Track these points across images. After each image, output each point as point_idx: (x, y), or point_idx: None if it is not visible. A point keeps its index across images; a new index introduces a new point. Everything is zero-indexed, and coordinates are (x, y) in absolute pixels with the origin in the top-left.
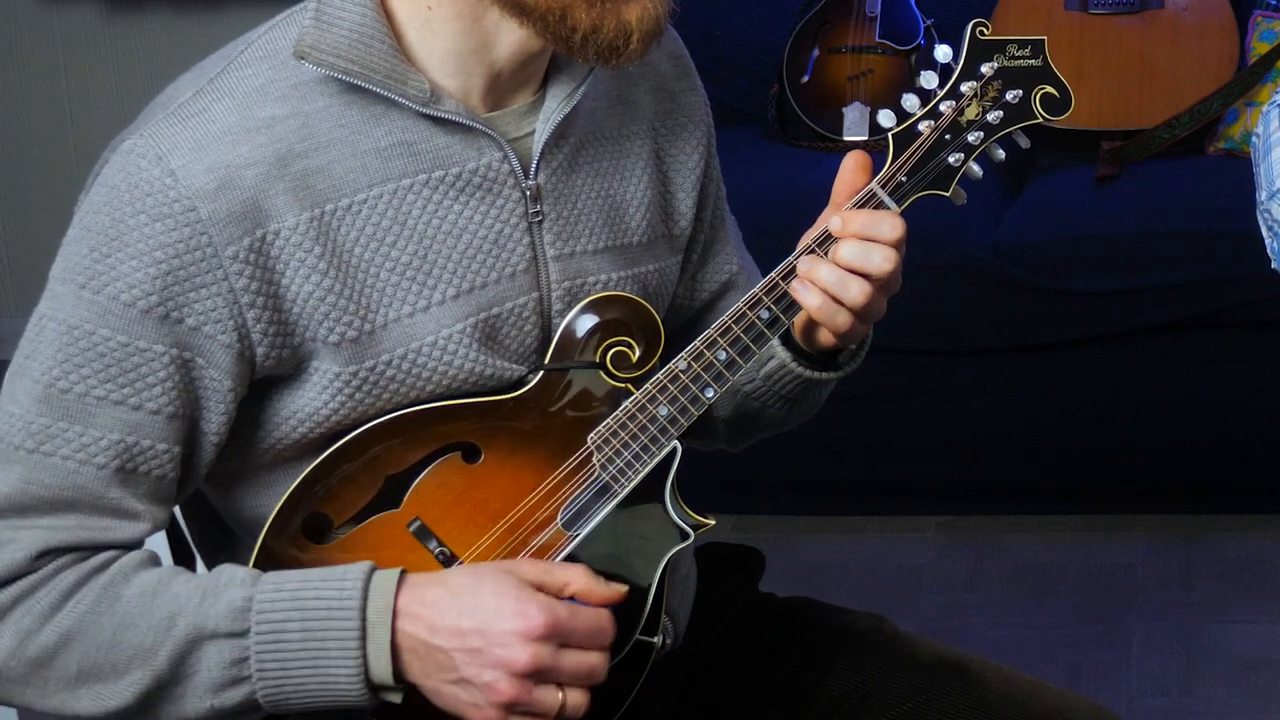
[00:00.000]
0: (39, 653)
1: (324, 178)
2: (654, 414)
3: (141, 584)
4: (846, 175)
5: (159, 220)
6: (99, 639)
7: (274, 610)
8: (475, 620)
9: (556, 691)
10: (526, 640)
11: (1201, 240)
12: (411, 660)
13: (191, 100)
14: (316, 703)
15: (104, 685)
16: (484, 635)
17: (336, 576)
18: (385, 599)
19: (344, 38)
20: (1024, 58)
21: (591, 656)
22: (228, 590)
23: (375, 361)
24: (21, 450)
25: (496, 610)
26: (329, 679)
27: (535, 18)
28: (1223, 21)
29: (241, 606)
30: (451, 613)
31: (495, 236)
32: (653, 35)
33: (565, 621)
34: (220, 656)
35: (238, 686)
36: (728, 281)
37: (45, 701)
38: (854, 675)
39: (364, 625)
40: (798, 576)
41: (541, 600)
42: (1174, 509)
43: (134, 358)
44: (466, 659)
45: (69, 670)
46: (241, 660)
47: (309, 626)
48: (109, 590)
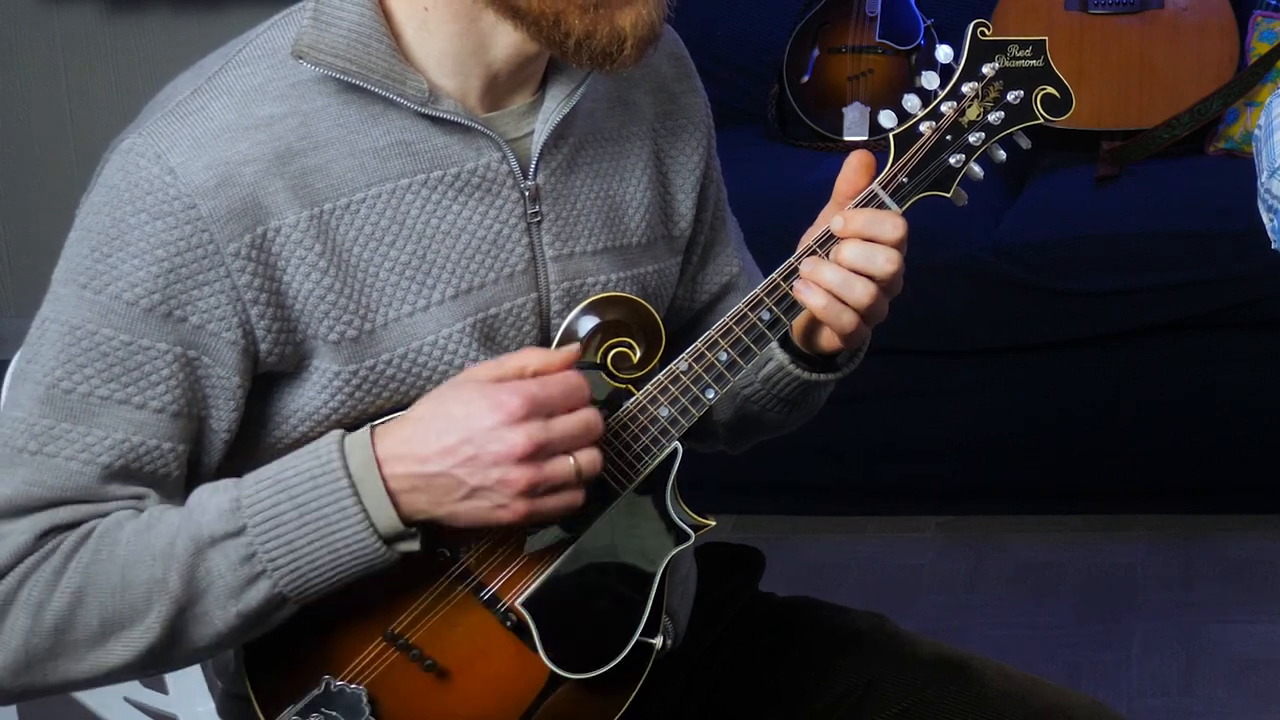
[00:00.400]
0: (56, 619)
1: (322, 177)
2: (655, 415)
3: (134, 526)
4: (849, 175)
5: (160, 218)
6: (110, 585)
7: (261, 499)
8: (457, 433)
9: (566, 457)
10: (512, 425)
11: (1201, 240)
12: (415, 498)
13: (190, 99)
14: (337, 574)
15: (128, 629)
16: (472, 441)
17: (310, 450)
18: (364, 451)
19: (342, 37)
20: (1025, 58)
21: (580, 414)
22: (212, 498)
23: (375, 361)
24: (25, 453)
25: (470, 414)
26: (339, 545)
27: (529, 22)
28: (1223, 21)
29: (230, 507)
30: (431, 437)
31: (494, 237)
32: (647, 41)
33: (539, 393)
34: (227, 559)
35: (255, 584)
36: (728, 283)
37: (79, 667)
38: (854, 675)
39: (354, 484)
40: (798, 576)
41: (508, 385)
42: (1174, 509)
43: (137, 356)
44: (467, 470)
45: (91, 626)
46: (249, 557)
47: (300, 502)
48: (105, 539)
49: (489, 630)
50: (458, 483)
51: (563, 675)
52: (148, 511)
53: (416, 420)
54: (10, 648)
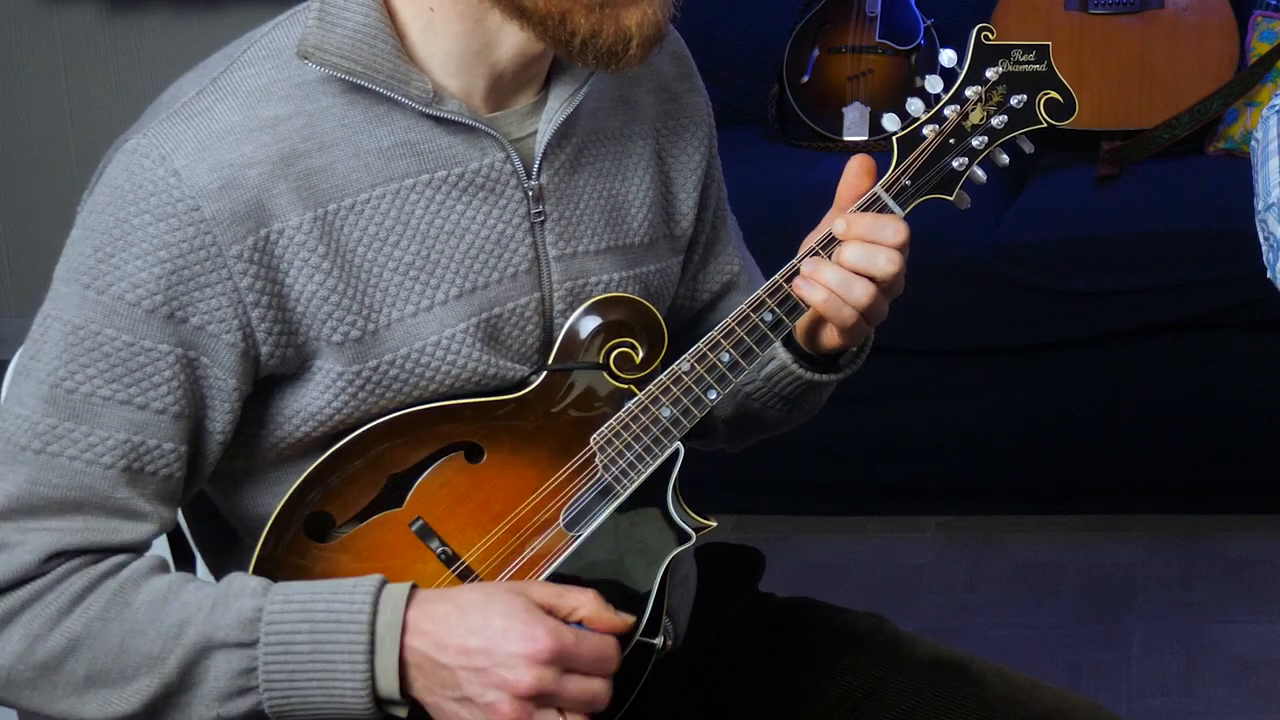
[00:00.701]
0: (47, 657)
1: (327, 177)
2: (657, 415)
3: (151, 591)
4: (850, 179)
5: (163, 220)
6: (108, 645)
7: (283, 622)
8: (482, 639)
9: (558, 716)
10: (531, 663)
11: (1201, 240)
12: (417, 676)
13: (195, 100)
14: (322, 714)
15: (111, 691)
16: (489, 655)
17: (346, 589)
18: (395, 614)
19: (347, 38)
20: (1028, 63)
21: (595, 684)
22: (238, 600)
23: (378, 361)
24: (28, 451)
25: (504, 631)
26: (335, 692)
27: (535, 21)
28: (1223, 21)
29: (251, 617)
30: (459, 630)
31: (497, 237)
32: (653, 40)
33: (571, 647)
34: (229, 666)
35: (244, 696)
36: (729, 282)
37: (52, 706)
38: (854, 675)
39: (373, 640)
40: (798, 576)
41: (550, 624)
42: (1174, 509)
43: (139, 357)
44: (470, 678)
45: (76, 675)
46: (249, 670)
47: (318, 639)
48: (119, 596)
49: None
50: (456, 683)
51: None
52: (169, 579)
53: (457, 605)
54: None
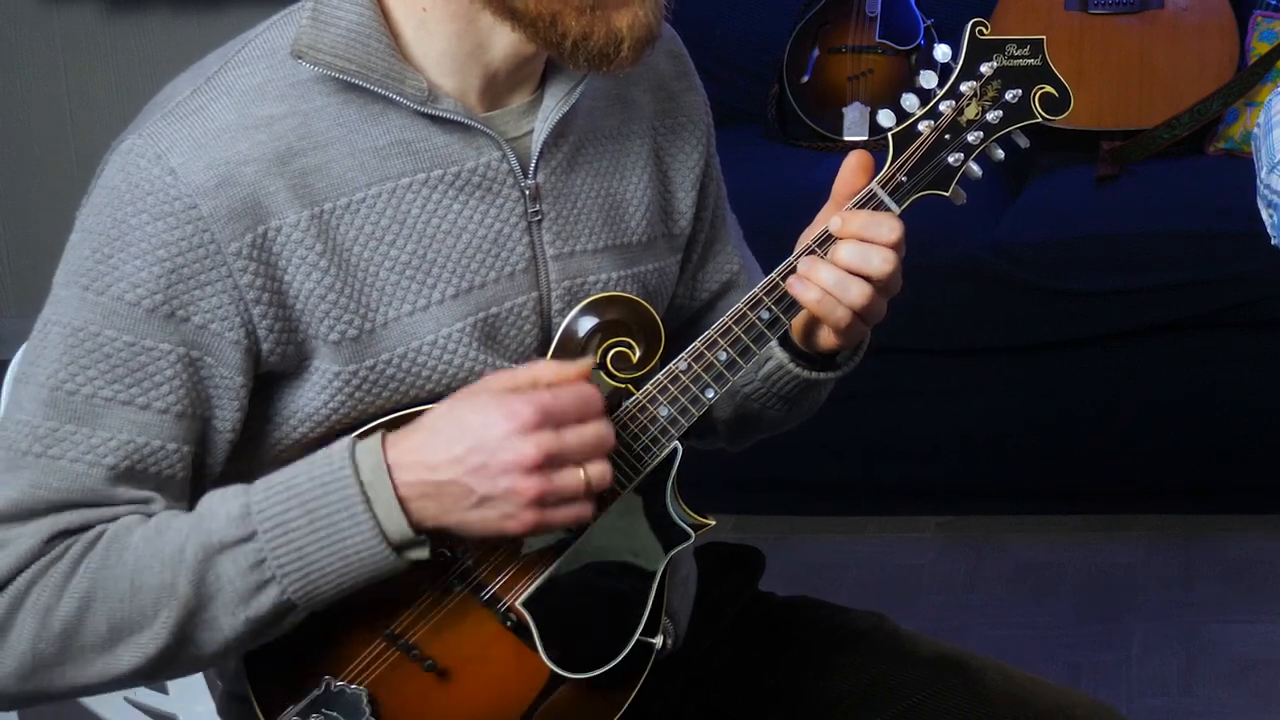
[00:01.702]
0: (64, 624)
1: (323, 176)
2: (654, 415)
3: (143, 532)
4: (847, 175)
5: (161, 219)
6: (118, 591)
7: (271, 505)
8: (467, 441)
9: (576, 469)
10: (524, 434)
11: (1201, 240)
12: (425, 505)
13: (189, 99)
14: (345, 581)
15: (137, 634)
16: (482, 449)
17: (321, 457)
18: (375, 456)
19: (341, 37)
20: (1023, 57)
21: (593, 425)
22: (222, 505)
23: (375, 360)
24: (29, 456)
25: (483, 423)
26: (349, 552)
27: (526, 23)
28: (1223, 21)
29: (240, 513)
30: (442, 444)
31: (494, 236)
32: (645, 42)
33: (552, 403)
34: (236, 565)
35: (264, 590)
36: (728, 281)
37: (88, 672)
38: (854, 674)
39: (363, 488)
40: (798, 576)
41: (521, 395)
42: (1174, 509)
43: (141, 357)
44: (477, 478)
45: (99, 631)
46: (259, 563)
47: (311, 508)
48: (114, 544)
49: (489, 630)
50: (467, 491)
51: (563, 675)
52: (157, 517)
53: (428, 428)
54: (17, 652)
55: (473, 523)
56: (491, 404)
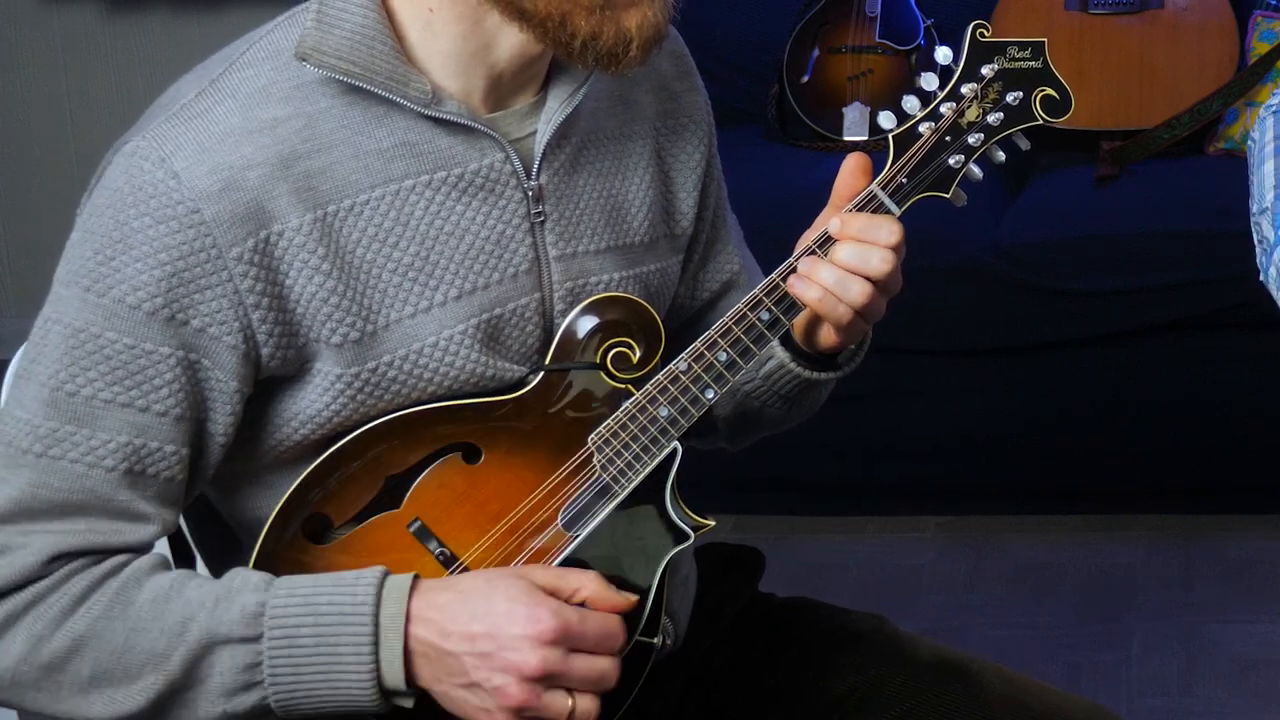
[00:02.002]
0: (51, 658)
1: (326, 179)
2: (654, 415)
3: (154, 589)
4: (846, 178)
5: (163, 222)
6: (112, 644)
7: (287, 616)
8: (486, 624)
9: (566, 697)
10: (537, 644)
11: (1201, 240)
12: (422, 664)
13: (194, 101)
14: (327, 707)
15: (116, 690)
16: (495, 639)
17: (349, 581)
18: (399, 604)
19: (345, 39)
20: (1024, 59)
21: (602, 662)
22: (241, 595)
23: (377, 363)
24: (29, 455)
25: (508, 614)
26: (341, 684)
27: (535, 23)
28: (1223, 21)
29: (255, 611)
30: (463, 617)
31: (497, 237)
32: (653, 42)
33: (576, 626)
34: (233, 661)
35: (250, 691)
36: (729, 281)
37: (57, 706)
38: (854, 675)
39: (377, 630)
40: (798, 576)
41: (553, 605)
42: (1174, 509)
43: (140, 360)
44: (477, 663)
45: (81, 675)
46: (254, 665)
47: (322, 632)
48: (121, 595)
49: None
50: (463, 669)
51: None
52: (171, 577)
53: (459, 591)
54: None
55: (453, 699)
56: (523, 599)
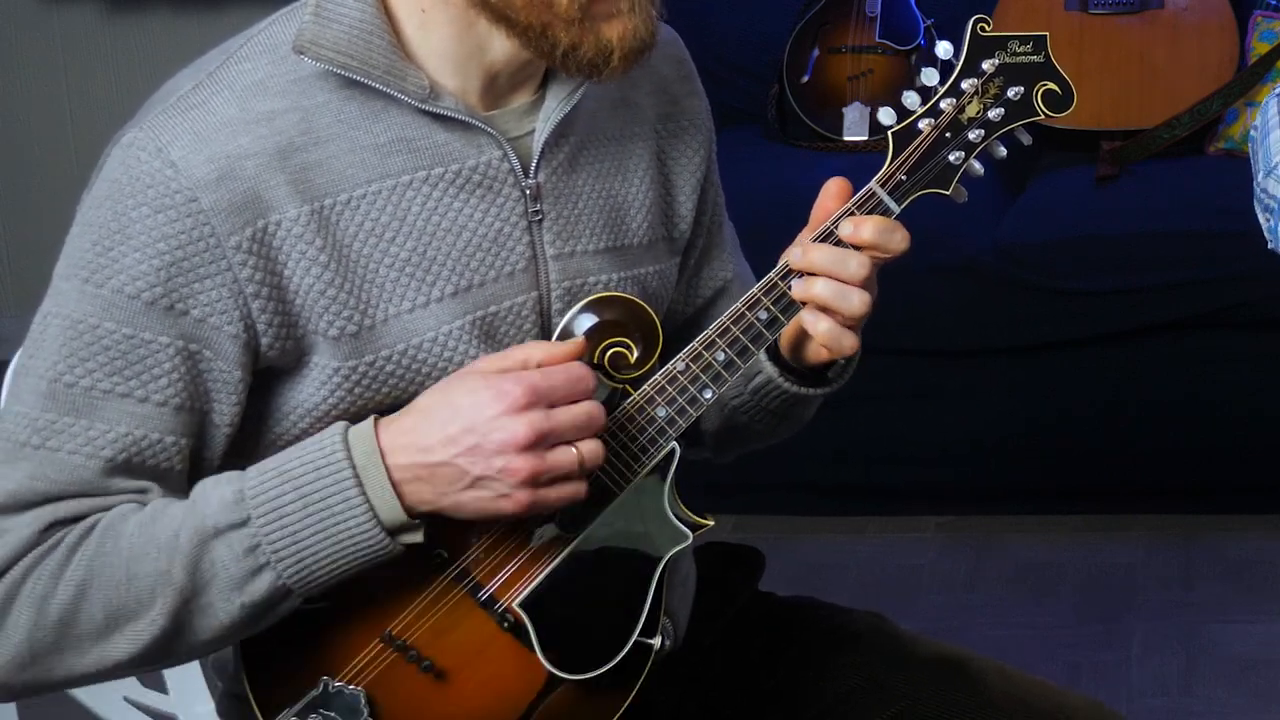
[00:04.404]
0: (61, 612)
1: (323, 172)
2: (652, 415)
3: (137, 519)
4: (825, 200)
5: (161, 212)
6: (114, 578)
7: (265, 490)
8: (459, 422)
9: (569, 448)
10: (514, 413)
11: (1201, 240)
12: (419, 488)
13: (191, 93)
14: (340, 566)
15: (133, 622)
16: (474, 430)
17: (314, 442)
18: (368, 441)
19: (343, 33)
20: (1026, 54)
21: (583, 405)
22: (215, 490)
23: (374, 357)
24: (28, 447)
25: (474, 404)
26: (343, 536)
27: (518, 31)
28: (1223, 21)
29: (234, 498)
30: (434, 427)
31: (494, 235)
32: (636, 53)
33: (542, 383)
34: (231, 550)
35: (259, 575)
36: (722, 287)
37: (84, 660)
38: (854, 674)
39: (357, 474)
40: (798, 576)
41: (511, 375)
42: (1174, 509)
43: (139, 350)
44: (469, 459)
45: (95, 619)
46: (253, 548)
47: (304, 492)
48: (109, 532)
49: (487, 631)
50: (461, 472)
51: (561, 676)
52: (151, 504)
53: (420, 411)
54: (14, 642)
55: (467, 504)
56: (482, 385)
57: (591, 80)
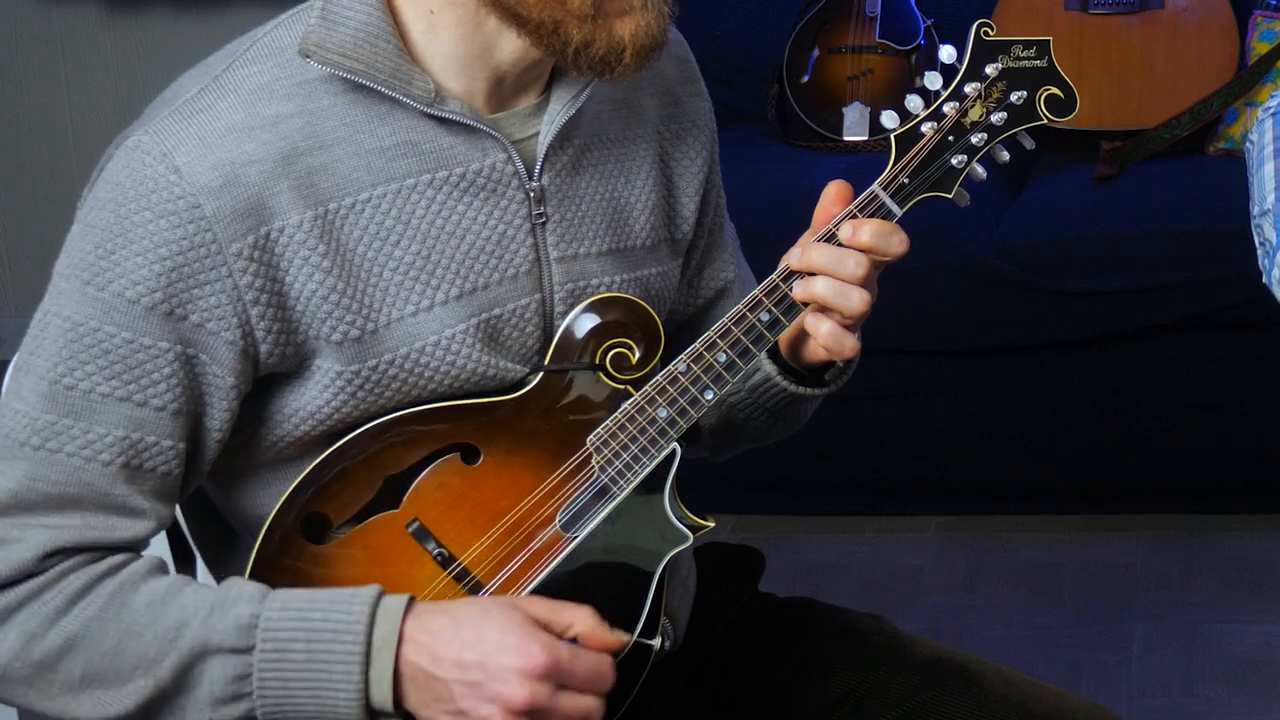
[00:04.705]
0: (44, 656)
1: (328, 176)
2: (653, 416)
3: (150, 592)
4: (826, 204)
5: (164, 217)
6: (105, 645)
7: (280, 629)
8: (477, 653)
9: None
10: (526, 678)
11: (1201, 240)
12: (410, 689)
13: (196, 97)
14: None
15: (106, 692)
16: (484, 669)
17: (345, 599)
18: (392, 625)
19: (349, 37)
20: (1029, 58)
21: (588, 700)
22: (235, 606)
23: (377, 361)
24: (27, 447)
25: (499, 645)
26: (329, 701)
27: (530, 29)
28: (1223, 21)
29: (248, 623)
30: (455, 643)
31: (498, 237)
32: (648, 50)
33: (566, 663)
34: (224, 671)
35: (238, 702)
36: (723, 288)
37: (46, 704)
38: (854, 676)
39: (369, 650)
40: (798, 576)
41: (545, 639)
42: (1174, 509)
43: (139, 354)
44: (465, 691)
45: (73, 675)
46: (244, 677)
47: (314, 647)
48: (117, 596)
49: None
50: (450, 697)
51: None
52: (167, 581)
53: (453, 618)
54: None
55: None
56: (515, 630)
57: (602, 79)
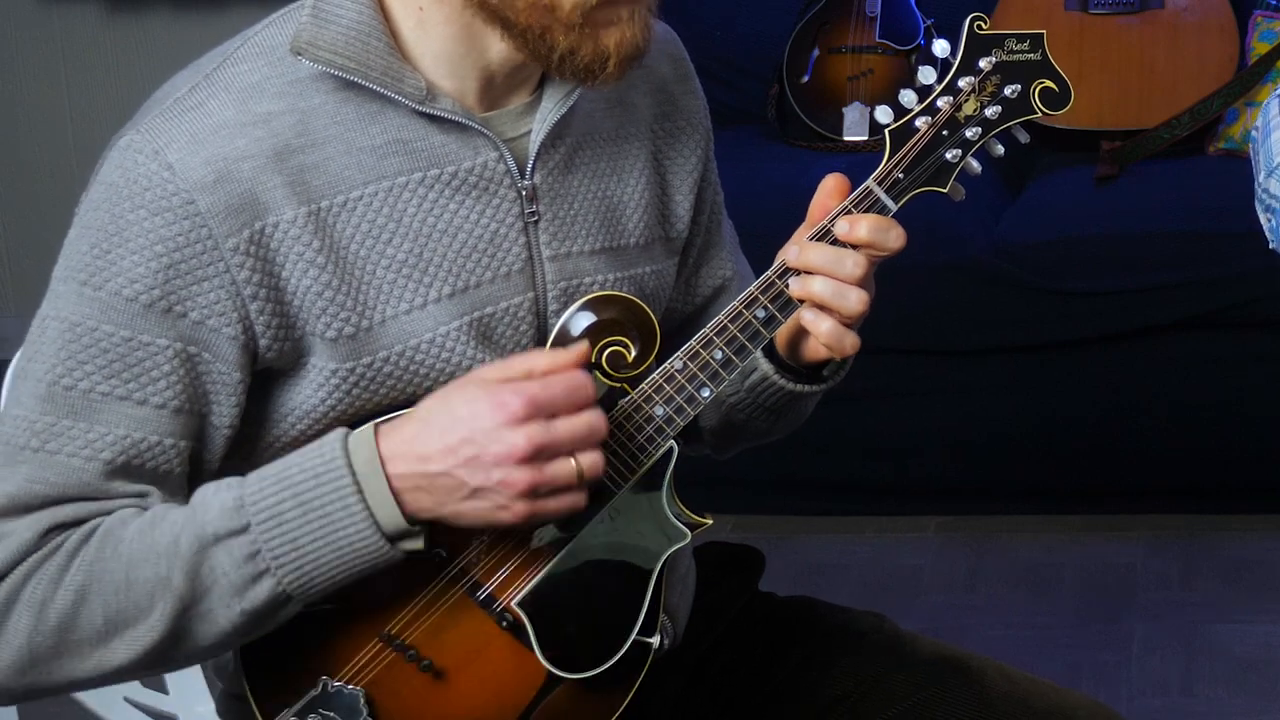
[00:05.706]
0: (60, 617)
1: (320, 174)
2: (650, 414)
3: (138, 524)
4: (822, 198)
5: (158, 214)
6: (114, 584)
7: (265, 496)
8: (459, 432)
9: (567, 459)
10: (514, 425)
11: (1201, 240)
12: (419, 496)
13: (188, 95)
14: (341, 572)
15: (133, 627)
16: (473, 441)
17: (314, 448)
18: (368, 448)
19: (341, 35)
20: (1023, 52)
21: (583, 415)
22: (215, 496)
23: (372, 358)
24: (27, 450)
25: (473, 415)
26: (343, 543)
27: (516, 33)
28: (1223, 21)
29: (234, 504)
30: (434, 436)
31: (491, 236)
32: (631, 59)
33: (542, 394)
34: (231, 557)
35: (259, 582)
36: (721, 286)
37: (83, 666)
38: (854, 674)
39: (357, 480)
40: (798, 576)
41: (511, 386)
42: (1174, 509)
43: (138, 353)
44: (468, 470)
45: (95, 625)
46: (253, 554)
47: (304, 500)
48: (108, 538)
49: (485, 630)
50: (459, 483)
51: (560, 675)
52: (151, 510)
53: (420, 419)
54: (14, 646)
55: (466, 513)
56: (481, 395)
57: (585, 86)
